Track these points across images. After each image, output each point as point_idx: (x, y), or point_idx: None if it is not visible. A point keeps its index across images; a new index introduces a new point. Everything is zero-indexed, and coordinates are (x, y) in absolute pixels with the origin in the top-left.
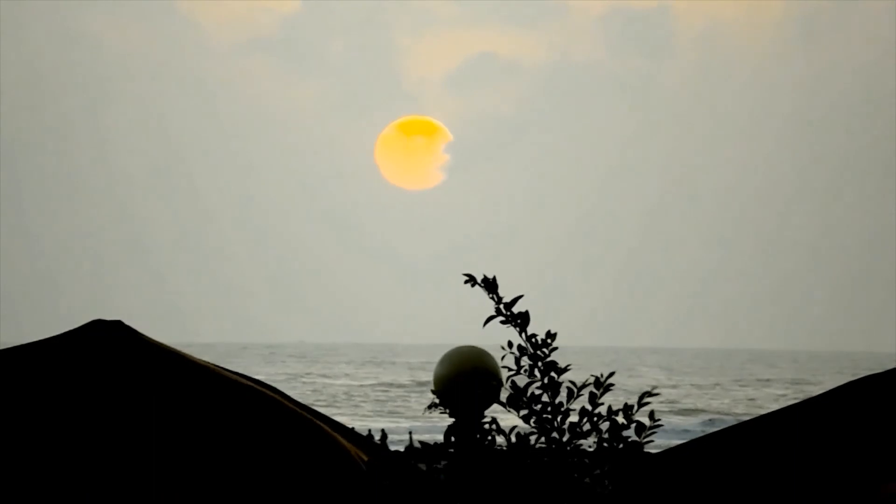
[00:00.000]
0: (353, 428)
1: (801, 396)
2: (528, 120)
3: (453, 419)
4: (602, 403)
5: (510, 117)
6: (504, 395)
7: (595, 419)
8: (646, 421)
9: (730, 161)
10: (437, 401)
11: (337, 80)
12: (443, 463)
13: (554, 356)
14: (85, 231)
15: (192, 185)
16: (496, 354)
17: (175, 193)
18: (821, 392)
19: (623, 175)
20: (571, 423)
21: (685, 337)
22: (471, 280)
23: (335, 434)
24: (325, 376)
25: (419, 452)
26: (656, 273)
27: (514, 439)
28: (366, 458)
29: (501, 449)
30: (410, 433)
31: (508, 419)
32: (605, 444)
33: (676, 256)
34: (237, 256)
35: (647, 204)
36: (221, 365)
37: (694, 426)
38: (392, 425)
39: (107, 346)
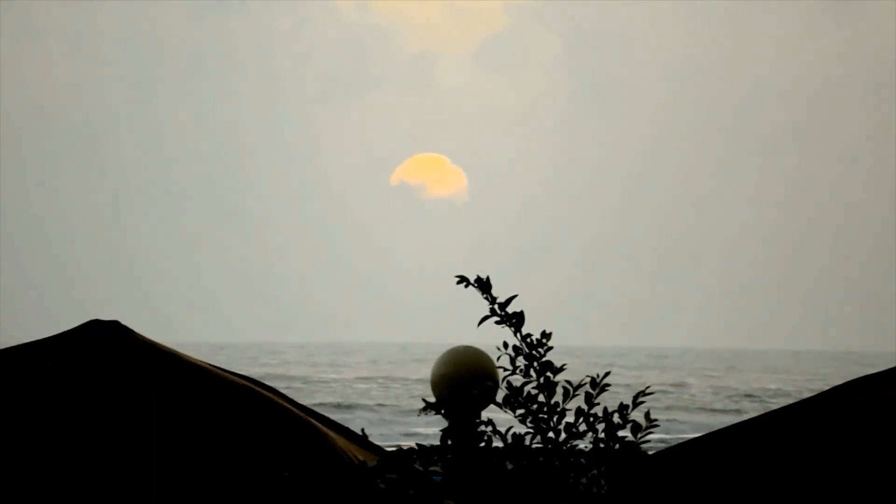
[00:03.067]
0: (360, 431)
1: None
2: (543, 117)
3: (449, 420)
4: (598, 403)
5: (526, 115)
6: (500, 396)
7: (591, 419)
8: (642, 421)
9: (739, 166)
10: (431, 402)
11: (329, 87)
12: (439, 464)
13: (561, 356)
14: (79, 232)
15: (182, 185)
16: (493, 355)
17: (166, 193)
18: (818, 392)
19: (643, 180)
20: (567, 423)
21: (696, 338)
22: (463, 281)
23: (330, 433)
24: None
25: (415, 453)
26: (676, 276)
27: (510, 440)
28: (360, 458)
29: (498, 449)
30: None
31: (505, 420)
32: (602, 445)
33: (690, 259)
34: (233, 258)
35: (659, 208)
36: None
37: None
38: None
39: (104, 346)
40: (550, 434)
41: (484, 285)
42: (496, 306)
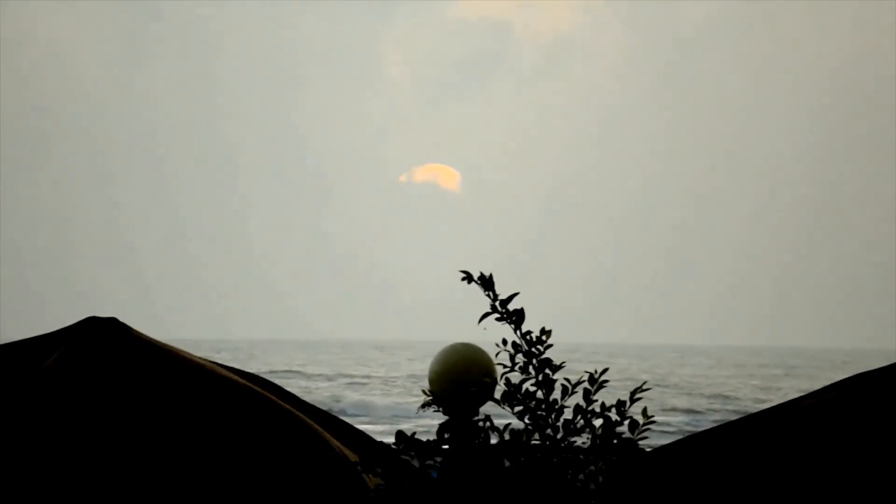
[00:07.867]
0: (351, 425)
1: None
2: (545, 117)
3: (447, 416)
4: (596, 400)
5: (526, 111)
6: (498, 393)
7: (589, 416)
8: (639, 418)
9: (738, 164)
10: (430, 398)
11: (333, 81)
12: (436, 459)
13: (562, 353)
14: (78, 231)
15: (179, 183)
16: (491, 352)
17: (164, 191)
18: (816, 389)
19: (646, 179)
20: (566, 420)
21: (696, 336)
22: (467, 277)
23: (324, 432)
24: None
25: (411, 449)
26: (679, 274)
27: (507, 436)
28: (355, 456)
29: (495, 446)
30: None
31: (503, 416)
32: (599, 441)
33: (688, 258)
34: (231, 255)
35: (662, 207)
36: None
37: None
38: None
39: (101, 343)
40: (548, 431)
41: (487, 282)
42: (497, 304)
